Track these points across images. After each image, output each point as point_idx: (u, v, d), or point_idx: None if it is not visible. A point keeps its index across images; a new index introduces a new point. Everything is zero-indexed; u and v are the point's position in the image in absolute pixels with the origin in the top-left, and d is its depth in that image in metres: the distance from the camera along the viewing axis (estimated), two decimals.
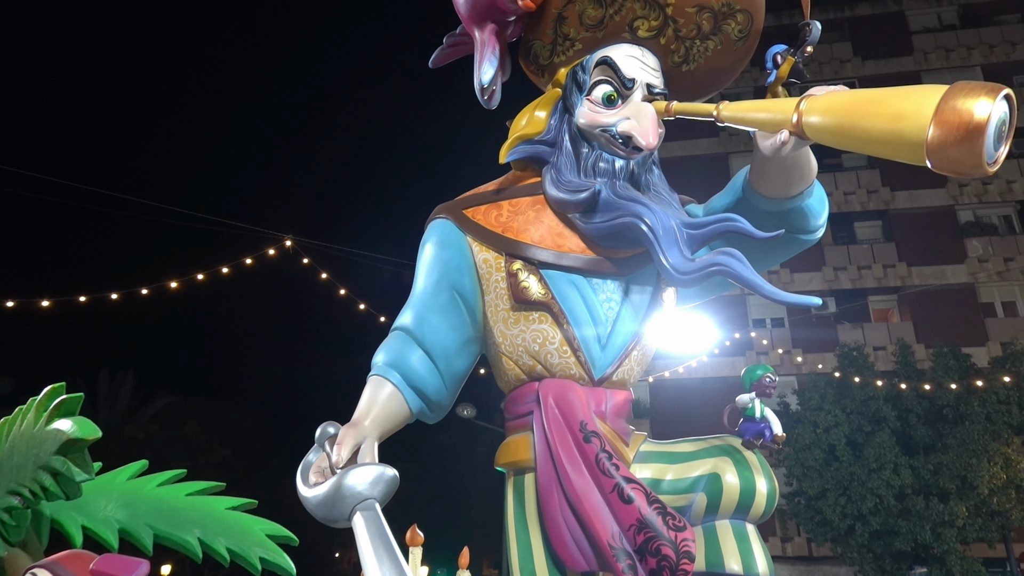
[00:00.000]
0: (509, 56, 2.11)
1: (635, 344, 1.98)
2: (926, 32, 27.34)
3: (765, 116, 1.64)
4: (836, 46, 27.31)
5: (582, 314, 1.92)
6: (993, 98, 1.24)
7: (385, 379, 1.90)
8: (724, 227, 1.76)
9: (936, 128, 1.27)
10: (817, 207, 1.97)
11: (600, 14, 1.95)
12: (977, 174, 1.29)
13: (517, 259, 1.95)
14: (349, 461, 1.66)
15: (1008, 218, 25.04)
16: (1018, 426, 17.17)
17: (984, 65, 26.09)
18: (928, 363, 19.21)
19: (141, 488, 2.49)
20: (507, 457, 1.98)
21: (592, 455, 1.76)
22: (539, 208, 2.01)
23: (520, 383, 2.01)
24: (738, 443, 2.01)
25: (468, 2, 2.00)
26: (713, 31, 1.96)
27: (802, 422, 17.89)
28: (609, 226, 1.87)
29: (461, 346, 2.02)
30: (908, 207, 24.98)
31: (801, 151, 1.73)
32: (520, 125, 2.05)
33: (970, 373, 18.07)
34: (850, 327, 23.68)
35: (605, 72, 1.98)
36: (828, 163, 24.29)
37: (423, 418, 2.02)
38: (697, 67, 2.04)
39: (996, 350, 20.33)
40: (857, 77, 26.20)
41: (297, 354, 43.78)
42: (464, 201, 2.10)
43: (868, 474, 16.74)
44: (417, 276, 2.07)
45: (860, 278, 24.40)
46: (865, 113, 1.41)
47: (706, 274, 1.71)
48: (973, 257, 24.00)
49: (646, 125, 1.91)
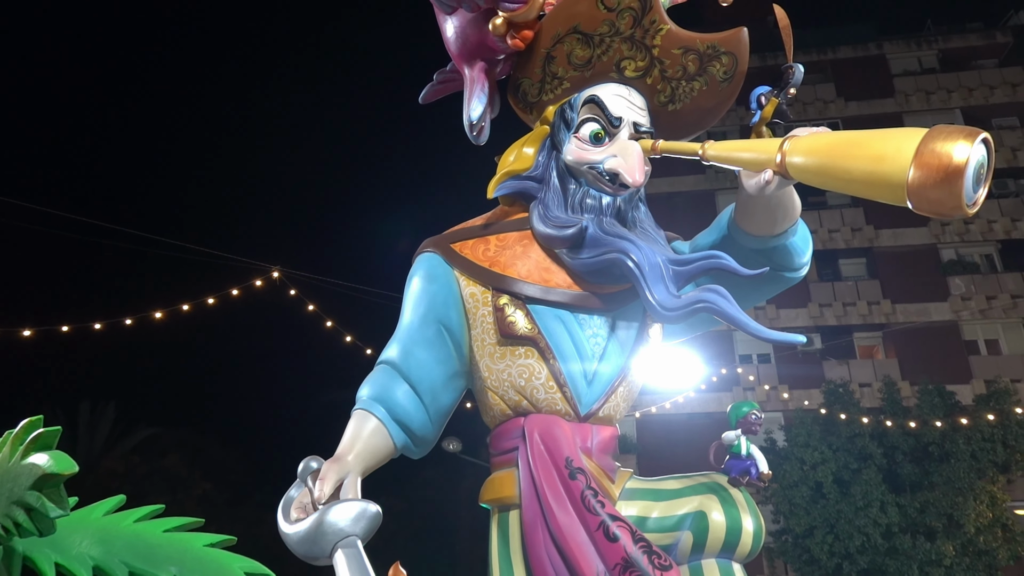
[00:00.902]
0: (498, 93, 2.13)
1: (621, 380, 1.98)
2: (907, 75, 27.97)
3: (749, 156, 1.67)
4: (820, 87, 27.85)
5: (568, 349, 1.92)
6: (971, 142, 1.27)
7: (370, 413, 1.88)
8: (710, 264, 1.78)
9: (916, 170, 1.29)
10: (801, 245, 1.99)
11: (588, 54, 1.99)
12: (957, 215, 1.31)
13: (504, 294, 1.95)
14: (331, 497, 1.64)
15: (990, 257, 25.39)
16: (1003, 464, 17.21)
17: (964, 108, 26.67)
18: (913, 400, 19.29)
19: (117, 524, 2.44)
20: (492, 493, 1.96)
21: (577, 492, 1.75)
22: (526, 243, 2.02)
23: (505, 418, 1.99)
24: (724, 480, 2.00)
25: (458, 40, 2.03)
26: (699, 72, 2.00)
27: (789, 459, 17.85)
28: (596, 262, 1.88)
29: (447, 380, 2.01)
30: (892, 245, 25.29)
31: (785, 190, 1.76)
32: (508, 161, 2.07)
33: (955, 411, 18.15)
34: (836, 364, 23.77)
35: (593, 110, 2.01)
36: (813, 201, 24.61)
37: (407, 453, 2.00)
38: (683, 107, 2.07)
39: (980, 388, 20.44)
40: (840, 117, 26.70)
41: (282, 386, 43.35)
42: (452, 235, 2.11)
43: (855, 512, 16.68)
44: (404, 310, 2.06)
45: (845, 315, 24.57)
46: (847, 155, 1.44)
47: (692, 311, 1.72)
48: (956, 295, 24.26)
49: (633, 163, 1.93)
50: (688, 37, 1.95)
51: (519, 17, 1.85)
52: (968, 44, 28.47)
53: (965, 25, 30.14)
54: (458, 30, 2.02)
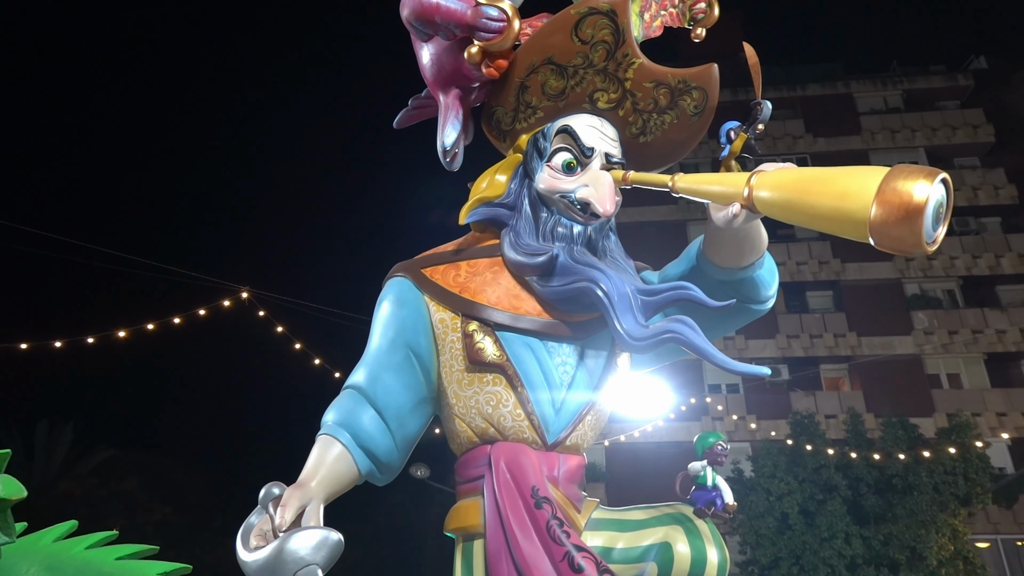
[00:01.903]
0: (472, 120, 2.15)
1: (589, 408, 1.98)
2: (873, 113, 28.77)
3: (717, 189, 1.69)
4: (789, 123, 28.51)
5: (537, 377, 1.91)
6: (931, 181, 1.30)
7: (334, 439, 1.85)
8: (678, 295, 1.79)
9: (878, 208, 1.32)
10: (768, 278, 2.02)
11: (562, 85, 2.01)
12: (917, 252, 1.34)
13: (473, 320, 1.95)
14: (293, 524, 1.61)
15: (952, 292, 25.99)
16: (964, 497, 17.46)
17: (927, 147, 27.47)
18: (878, 432, 19.54)
19: (68, 551, 2.35)
20: (457, 522, 1.94)
21: (543, 522, 1.73)
22: (497, 270, 2.02)
23: (472, 446, 1.98)
24: (690, 511, 2.00)
25: (434, 67, 2.04)
26: (670, 106, 2.03)
27: (756, 489, 17.94)
28: (565, 290, 1.89)
29: (414, 406, 1.99)
30: (858, 279, 25.78)
31: (753, 224, 1.78)
32: (481, 187, 2.08)
33: (918, 443, 18.43)
34: (803, 395, 24.03)
35: (565, 140, 2.03)
36: (781, 233, 25.05)
37: (372, 480, 1.97)
38: (654, 139, 2.10)
39: (942, 421, 20.78)
40: (809, 153, 27.32)
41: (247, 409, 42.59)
42: (423, 260, 2.11)
43: (820, 543, 16.77)
44: (372, 334, 2.04)
45: (812, 346, 24.91)
46: (812, 191, 1.46)
47: (659, 341, 1.73)
48: (919, 329, 24.75)
49: (604, 193, 1.95)
50: (660, 71, 1.99)
51: (494, 47, 1.87)
52: (931, 86, 29.41)
53: (929, 67, 31.14)
54: (434, 57, 2.03)
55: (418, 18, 1.86)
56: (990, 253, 25.47)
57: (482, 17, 1.83)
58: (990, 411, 22.94)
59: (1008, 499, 21.09)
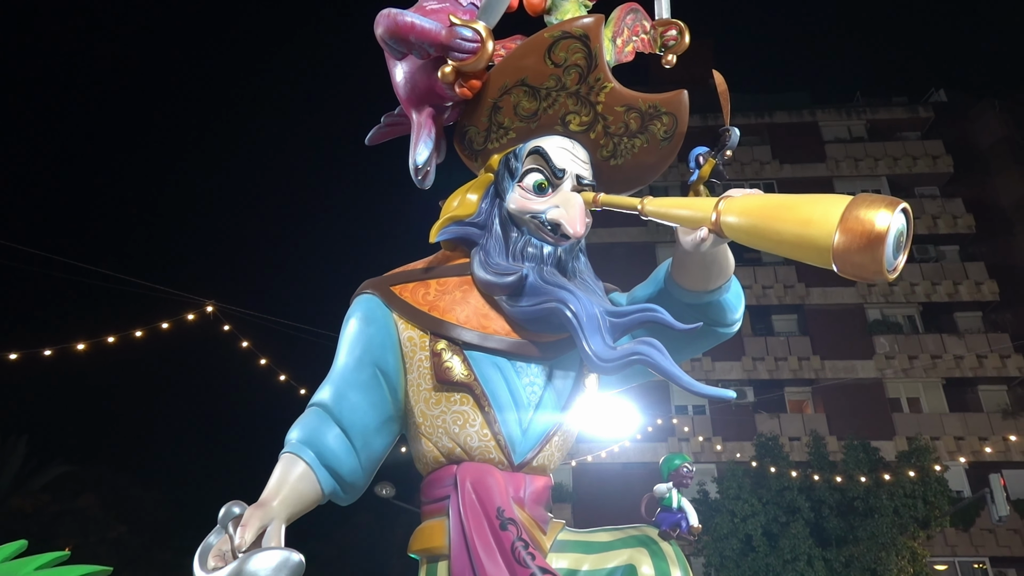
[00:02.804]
0: (444, 139, 2.15)
1: (557, 429, 1.97)
2: (837, 142, 29.47)
3: (686, 213, 1.72)
4: (756, 149, 29.07)
5: (504, 397, 1.91)
6: (892, 211, 1.33)
7: (298, 457, 1.82)
8: (645, 317, 1.80)
9: (841, 235, 1.34)
10: (734, 302, 2.05)
11: (534, 107, 2.02)
12: (878, 280, 1.37)
13: (441, 339, 1.94)
14: (253, 544, 1.57)
15: (912, 318, 26.57)
16: (923, 520, 17.74)
17: (889, 176, 28.18)
18: (840, 455, 19.81)
19: (16, 572, 2.27)
20: (421, 543, 1.91)
21: (508, 543, 1.72)
22: (466, 289, 2.01)
23: (438, 465, 1.96)
24: (655, 533, 2.00)
25: (408, 85, 2.04)
26: (640, 130, 2.06)
27: (721, 511, 18.03)
28: (534, 310, 1.89)
29: (380, 425, 1.97)
30: (821, 303, 26.23)
31: (720, 248, 1.81)
32: (452, 206, 2.08)
33: (879, 466, 18.71)
34: (767, 417, 24.30)
35: (537, 161, 2.04)
36: (748, 257, 25.44)
37: (335, 499, 1.94)
38: (624, 162, 2.13)
39: (903, 444, 21.15)
40: (775, 179, 27.85)
41: (209, 425, 41.77)
42: (392, 278, 2.09)
43: (783, 565, 16.88)
44: (339, 351, 2.02)
45: (777, 369, 25.23)
46: (777, 217, 1.49)
47: (627, 362, 1.73)
48: (881, 354, 25.23)
49: (574, 214, 1.97)
50: (631, 96, 2.02)
51: (468, 67, 1.88)
52: (894, 117, 30.26)
53: (891, 99, 32.06)
54: (408, 75, 2.03)
55: (392, 36, 1.86)
56: (948, 280, 26.13)
57: (456, 37, 1.84)
58: (948, 435, 23.42)
59: (965, 522, 21.51)
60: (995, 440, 22.27)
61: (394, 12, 1.86)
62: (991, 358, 24.58)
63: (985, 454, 21.10)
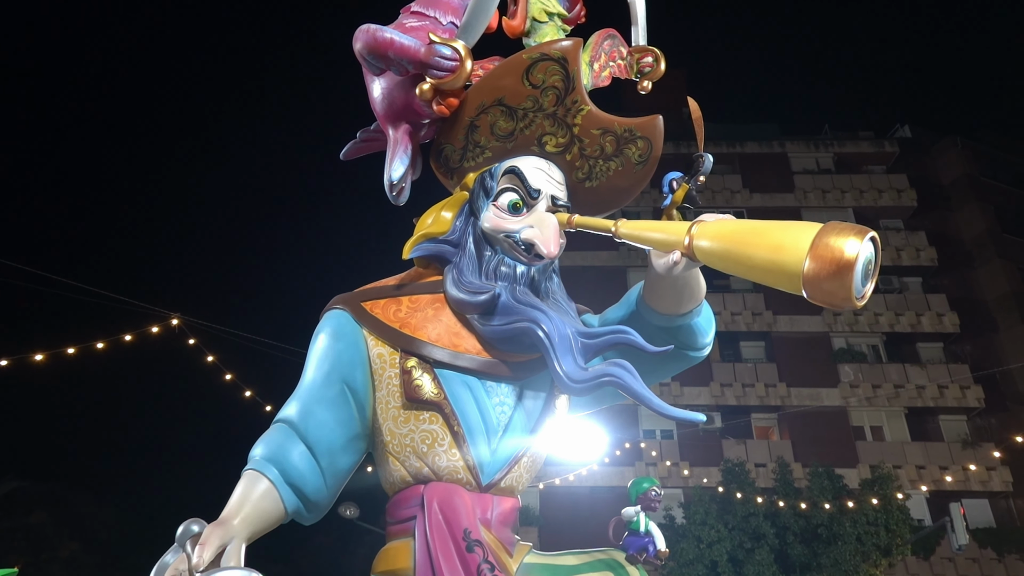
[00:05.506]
0: (420, 156, 2.15)
1: (525, 451, 1.96)
2: (806, 173, 30.11)
3: (659, 236, 1.73)
4: (727, 177, 29.56)
5: (474, 417, 1.89)
6: (861, 239, 1.36)
7: (261, 474, 1.78)
8: (617, 339, 1.81)
9: (812, 262, 1.36)
10: (705, 326, 2.06)
11: (511, 127, 2.03)
12: (847, 307, 1.39)
13: (412, 356, 1.92)
14: (211, 564, 1.53)
15: (876, 348, 27.06)
16: (885, 548, 17.94)
17: (855, 208, 28.82)
18: (805, 482, 19.99)
19: None
20: (385, 565, 1.87)
21: (474, 566, 1.69)
22: (438, 306, 2.00)
23: (405, 485, 1.93)
24: (622, 557, 1.99)
25: (385, 101, 2.04)
26: (615, 153, 2.08)
27: (687, 536, 18.05)
28: (506, 330, 1.88)
29: (347, 443, 1.94)
30: (788, 331, 26.60)
31: (691, 272, 1.82)
32: (426, 223, 2.07)
33: (843, 494, 18.91)
34: (734, 443, 24.47)
35: (512, 181, 2.04)
36: (717, 284, 25.74)
37: (298, 519, 1.90)
38: (599, 184, 2.14)
39: (866, 472, 21.41)
40: (745, 207, 28.31)
41: (169, 440, 40.87)
42: (363, 294, 2.08)
43: None
44: (307, 367, 1.99)
45: (744, 395, 25.47)
46: (749, 242, 1.51)
47: (598, 383, 1.73)
48: (845, 382, 25.62)
49: (548, 234, 1.97)
50: (607, 119, 2.03)
51: (446, 85, 1.88)
52: (860, 150, 31.03)
53: (858, 133, 32.90)
54: (385, 91, 2.03)
55: (371, 52, 1.86)
56: (911, 312, 26.68)
57: (435, 55, 1.84)
58: (910, 464, 23.79)
59: (926, 550, 21.77)
60: (955, 470, 22.67)
61: (373, 28, 1.87)
62: (952, 388, 25.10)
63: (946, 483, 21.46)
